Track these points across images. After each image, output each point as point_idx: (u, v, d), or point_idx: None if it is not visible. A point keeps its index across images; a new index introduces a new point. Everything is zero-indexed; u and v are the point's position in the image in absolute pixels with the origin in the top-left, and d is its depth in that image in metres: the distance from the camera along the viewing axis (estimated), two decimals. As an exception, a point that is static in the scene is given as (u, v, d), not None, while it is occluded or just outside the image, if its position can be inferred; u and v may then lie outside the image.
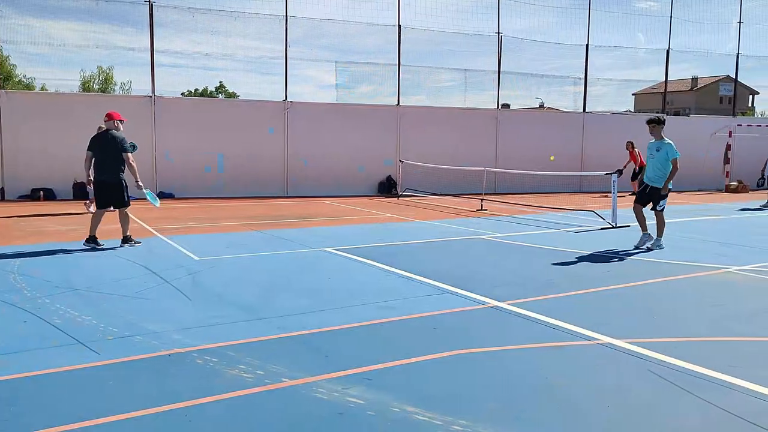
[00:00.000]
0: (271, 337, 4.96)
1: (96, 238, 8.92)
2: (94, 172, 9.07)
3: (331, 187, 18.60)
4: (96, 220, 8.99)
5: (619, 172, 18.57)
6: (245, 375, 4.11)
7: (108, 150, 8.97)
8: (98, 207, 9.13)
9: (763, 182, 16.65)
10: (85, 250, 8.67)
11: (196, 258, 8.13)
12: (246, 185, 17.81)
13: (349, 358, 4.47)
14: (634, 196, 10.03)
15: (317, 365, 4.31)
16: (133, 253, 8.49)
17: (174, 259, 8.03)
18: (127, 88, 48.65)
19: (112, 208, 9.34)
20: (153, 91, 17.05)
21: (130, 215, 9.25)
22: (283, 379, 4.03)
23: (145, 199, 9.73)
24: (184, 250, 8.65)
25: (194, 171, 17.23)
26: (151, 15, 16.86)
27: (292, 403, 3.71)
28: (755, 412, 3.64)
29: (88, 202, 13.01)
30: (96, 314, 5.47)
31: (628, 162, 19.25)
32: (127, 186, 9.07)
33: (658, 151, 9.30)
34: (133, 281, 6.80)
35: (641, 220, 9.57)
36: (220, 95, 52.93)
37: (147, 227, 10.97)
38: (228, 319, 5.42)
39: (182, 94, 41.82)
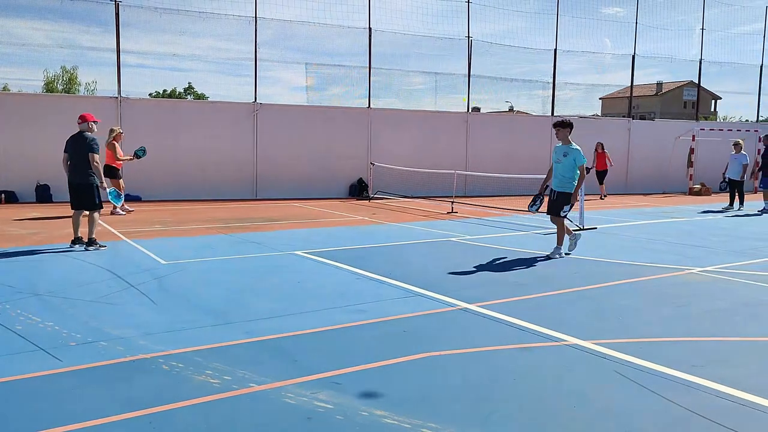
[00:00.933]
0: (239, 341, 4.90)
1: (81, 238, 8.92)
2: (68, 174, 8.90)
3: (301, 189, 18.51)
4: (76, 222, 8.97)
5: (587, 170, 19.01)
6: (212, 380, 4.05)
7: (78, 151, 8.83)
8: (72, 208, 9.02)
9: (726, 186, 17.04)
10: (65, 251, 8.61)
11: (162, 262, 8.01)
12: (214, 187, 17.62)
13: (318, 362, 4.45)
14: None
15: (285, 370, 4.27)
16: (97, 257, 8.33)
17: (140, 263, 7.90)
18: (92, 88, 47.75)
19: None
20: (119, 92, 16.77)
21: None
22: (251, 385, 3.99)
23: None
24: (151, 254, 8.51)
25: (161, 173, 16.98)
26: (117, 15, 16.58)
27: (260, 408, 3.67)
28: (717, 410, 3.71)
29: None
30: (59, 320, 5.35)
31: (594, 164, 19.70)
32: (98, 188, 8.91)
33: (565, 156, 8.88)
34: (97, 286, 6.66)
35: (559, 231, 9.08)
36: (189, 96, 52.33)
37: (112, 230, 10.77)
38: (195, 324, 5.34)
39: (150, 95, 41.22)
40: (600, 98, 44.71)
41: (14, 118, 15.73)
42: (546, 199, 9.26)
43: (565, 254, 8.97)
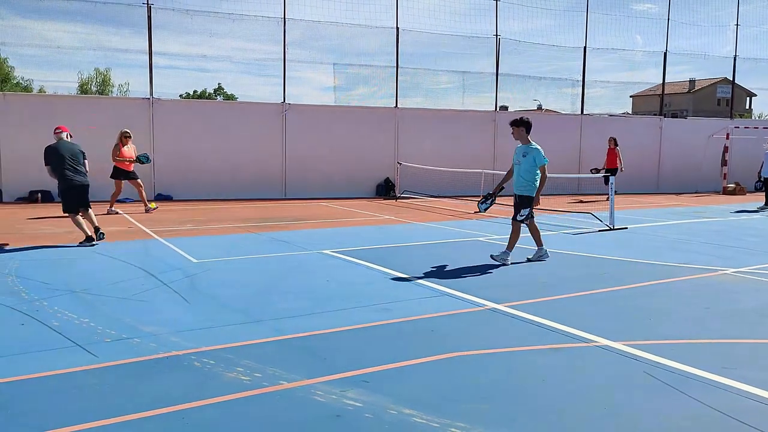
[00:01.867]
0: (269, 339, 4.97)
1: (91, 237, 9.28)
2: (70, 178, 9.49)
3: (329, 189, 18.61)
4: (80, 222, 9.40)
5: (596, 170, 18.50)
6: (243, 377, 4.12)
7: (76, 157, 9.65)
8: (72, 211, 9.48)
9: (761, 185, 16.65)
10: (85, 248, 8.76)
11: (193, 260, 8.14)
12: (244, 187, 17.82)
13: (347, 360, 4.49)
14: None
15: (314, 368, 4.32)
16: (130, 255, 8.50)
17: (171, 262, 8.04)
18: (125, 90, 48.70)
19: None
20: (151, 93, 17.06)
21: (128, 217, 9.26)
22: (281, 382, 4.05)
23: (140, 201, 9.77)
24: (182, 253, 8.66)
25: (192, 173, 17.23)
26: (149, 17, 16.87)
27: (289, 405, 3.73)
28: (748, 412, 3.66)
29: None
30: (94, 316, 5.48)
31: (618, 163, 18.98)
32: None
33: (524, 156, 8.34)
34: (130, 283, 6.81)
35: (533, 234, 8.67)
36: (218, 97, 52.98)
37: (145, 229, 10.97)
38: (225, 322, 5.43)
39: (180, 96, 41.85)
40: (631, 96, 44.12)
41: (50, 119, 16.06)
42: (518, 202, 8.51)
43: (527, 259, 8.44)
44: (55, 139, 9.74)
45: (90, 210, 9.52)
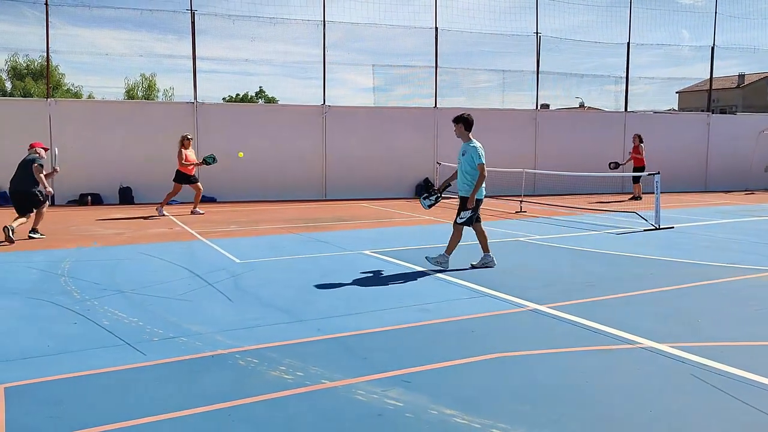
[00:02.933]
0: (311, 339, 5.03)
1: (36, 229, 10.25)
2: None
3: (368, 189, 18.69)
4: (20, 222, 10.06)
5: (616, 164, 17.98)
6: (286, 376, 4.19)
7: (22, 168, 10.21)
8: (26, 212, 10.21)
9: None
10: (134, 250, 9.00)
11: (237, 261, 8.29)
12: (285, 189, 18.03)
13: (387, 360, 4.52)
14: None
15: (356, 367, 4.36)
16: (176, 256, 8.69)
17: (216, 262, 8.21)
18: (170, 94, 49.79)
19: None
20: (195, 97, 17.41)
21: (174, 219, 9.45)
22: (323, 381, 4.10)
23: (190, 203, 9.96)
24: (226, 253, 8.82)
25: (235, 175, 17.51)
26: (192, 23, 17.23)
27: (331, 403, 3.77)
28: (803, 418, 3.55)
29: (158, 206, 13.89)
30: (142, 316, 5.64)
31: (629, 159, 18.35)
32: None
33: (463, 155, 7.98)
34: (176, 283, 6.97)
35: (481, 238, 8.13)
36: (260, 100, 53.70)
37: (190, 230, 11.21)
38: (268, 321, 5.52)
39: (223, 99, 42.56)
40: (677, 92, 43.07)
41: (98, 124, 16.59)
42: (467, 202, 8.04)
43: (471, 266, 7.93)
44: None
45: (31, 215, 10.17)
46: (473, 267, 7.90)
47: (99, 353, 4.67)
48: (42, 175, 10.11)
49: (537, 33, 20.52)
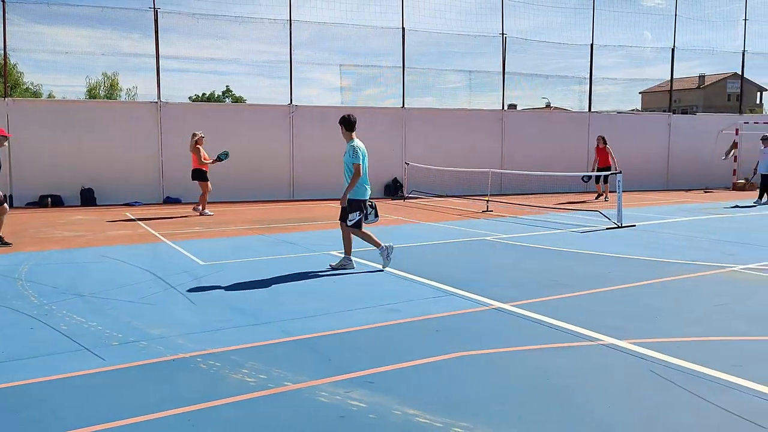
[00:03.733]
0: (275, 341, 4.99)
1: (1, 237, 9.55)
2: None
3: (336, 189, 18.31)
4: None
5: (588, 177, 17.95)
6: (248, 379, 4.14)
7: None
8: None
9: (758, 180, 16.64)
10: (94, 252, 8.81)
11: (201, 263, 8.18)
12: (252, 189, 17.88)
13: (352, 361, 4.50)
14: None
15: (320, 369, 4.34)
16: (138, 258, 8.54)
17: (179, 264, 8.09)
18: (133, 94, 48.95)
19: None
20: (159, 96, 17.15)
21: (138, 221, 9.29)
22: (286, 383, 4.06)
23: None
24: (190, 255, 8.70)
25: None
26: (156, 21, 16.97)
27: (294, 406, 3.74)
28: (757, 412, 3.64)
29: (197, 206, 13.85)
30: (102, 320, 5.52)
31: (595, 160, 18.29)
32: None
33: (344, 155, 7.94)
34: (138, 287, 6.85)
35: (346, 241, 8.03)
36: (227, 99, 53.19)
37: (153, 232, 11.04)
38: (232, 324, 5.45)
39: (190, 98, 42.04)
40: (640, 93, 43.93)
41: (58, 124, 16.23)
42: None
43: (330, 266, 7.88)
44: None
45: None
46: (332, 268, 7.81)
47: (56, 359, 4.56)
48: None
49: (503, 34, 20.71)
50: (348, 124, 7.99)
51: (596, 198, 17.90)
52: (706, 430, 3.46)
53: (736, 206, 15.85)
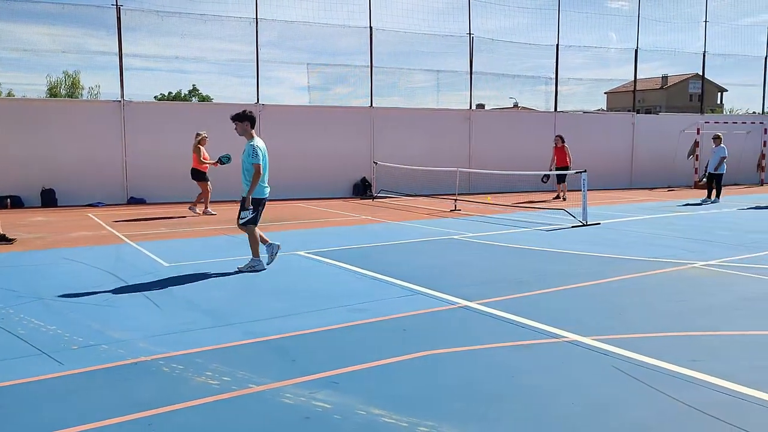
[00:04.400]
0: (239, 342, 4.93)
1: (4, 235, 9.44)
2: None
3: (305, 189, 18.54)
4: None
5: (547, 176, 18.15)
6: (211, 382, 4.08)
7: None
8: None
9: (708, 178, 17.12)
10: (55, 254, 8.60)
11: (165, 264, 8.05)
12: (219, 189, 17.63)
13: (317, 362, 4.47)
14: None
15: (284, 370, 4.30)
16: (101, 260, 8.38)
17: (143, 266, 7.95)
18: (96, 92, 48.01)
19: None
20: (122, 95, 16.84)
21: (99, 221, 9.12)
22: (250, 385, 4.02)
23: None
24: (153, 256, 8.56)
25: (167, 176, 17.02)
26: (118, 18, 16.66)
27: (258, 408, 3.70)
28: (713, 404, 3.71)
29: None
30: (61, 323, 5.39)
31: (552, 160, 18.46)
32: None
33: (243, 153, 7.71)
34: (100, 289, 6.71)
35: (251, 242, 7.86)
36: (193, 98, 52.53)
37: (116, 233, 10.83)
38: (196, 326, 5.38)
39: (155, 97, 41.41)
40: (605, 93, 44.60)
41: (19, 123, 15.83)
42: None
43: (238, 269, 7.69)
44: None
45: None
46: (240, 271, 7.61)
47: (13, 364, 4.44)
48: None
49: (470, 34, 20.83)
50: (243, 119, 7.59)
51: (554, 198, 18.04)
52: (665, 423, 3.52)
53: (687, 204, 16.18)
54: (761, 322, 5.56)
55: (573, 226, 11.61)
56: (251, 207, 7.65)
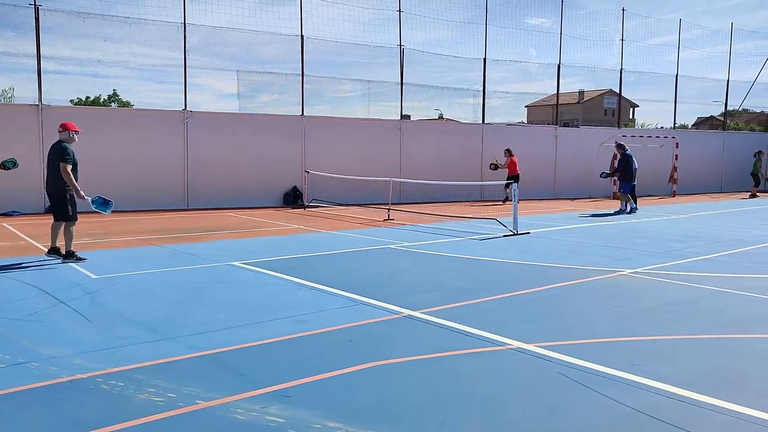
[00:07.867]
0: (181, 357, 4.75)
1: (58, 249, 8.70)
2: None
3: (234, 198, 18.16)
4: (54, 232, 8.80)
5: (495, 166, 19.93)
6: (156, 399, 3.91)
7: (51, 161, 8.90)
8: (54, 219, 8.92)
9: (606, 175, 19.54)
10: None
11: (93, 276, 7.68)
12: (143, 198, 17.04)
13: (265, 375, 4.37)
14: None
15: (232, 385, 4.17)
16: (22, 272, 7.91)
17: (69, 279, 7.55)
18: (10, 96, 45.47)
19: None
20: (40, 99, 16.01)
21: (17, 232, 8.60)
22: (198, 401, 3.87)
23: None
24: (80, 269, 8.15)
25: (85, 183, 16.17)
26: (37, 19, 15.85)
27: (209, 426, 3.56)
28: (653, 406, 3.87)
29: None
30: (-17, 341, 5.04)
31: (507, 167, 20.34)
32: (71, 199, 8.83)
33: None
34: (25, 303, 6.32)
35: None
36: (113, 104, 50.59)
37: (36, 244, 10.26)
38: (133, 340, 5.14)
39: (71, 102, 39.60)
40: (525, 106, 46.05)
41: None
42: None
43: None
44: None
45: (71, 227, 8.90)
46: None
47: (-69, 386, 4.10)
48: (69, 174, 8.87)
49: (400, 45, 21.06)
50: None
51: (503, 201, 19.54)
52: (611, 426, 3.64)
53: (593, 215, 16.71)
54: (689, 325, 5.85)
55: (504, 236, 11.89)
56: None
